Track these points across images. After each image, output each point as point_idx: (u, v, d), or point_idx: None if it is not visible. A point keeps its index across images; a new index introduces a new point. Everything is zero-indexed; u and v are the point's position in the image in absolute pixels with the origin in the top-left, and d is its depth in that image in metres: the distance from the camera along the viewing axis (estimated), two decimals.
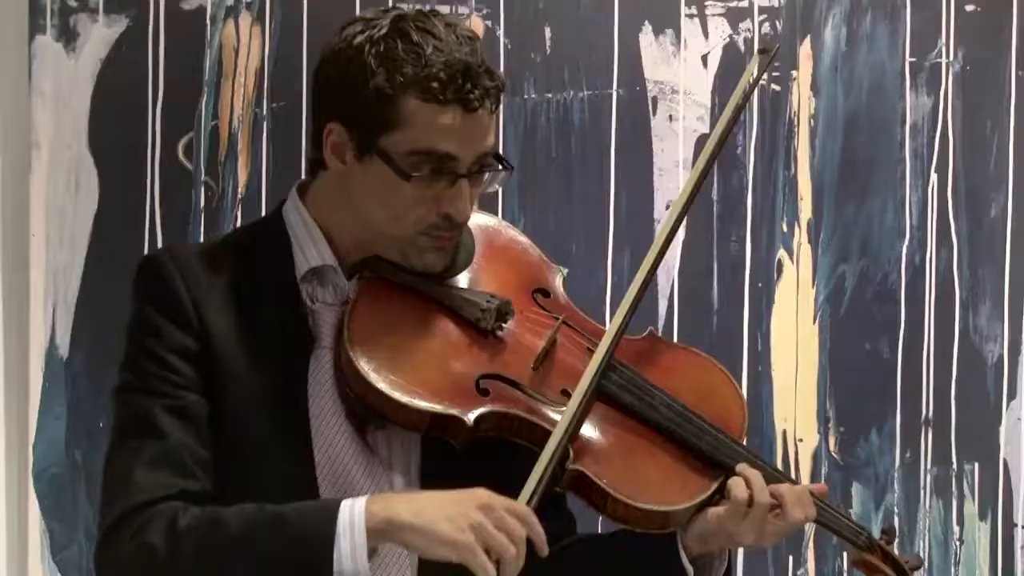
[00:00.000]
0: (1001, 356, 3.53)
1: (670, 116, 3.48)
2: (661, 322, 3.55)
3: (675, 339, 3.50)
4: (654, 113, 3.46)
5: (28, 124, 3.51)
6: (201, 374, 2.25)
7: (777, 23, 3.54)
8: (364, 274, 2.30)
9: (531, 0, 3.51)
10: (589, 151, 3.53)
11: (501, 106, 2.56)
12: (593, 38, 3.51)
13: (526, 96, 3.53)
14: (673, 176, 3.54)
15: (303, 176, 2.44)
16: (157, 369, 2.25)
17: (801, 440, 3.53)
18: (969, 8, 3.52)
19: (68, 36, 3.51)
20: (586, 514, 2.38)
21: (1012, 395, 3.54)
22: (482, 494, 2.14)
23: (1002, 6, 3.52)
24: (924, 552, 3.58)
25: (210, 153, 3.53)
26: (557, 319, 2.32)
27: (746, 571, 3.57)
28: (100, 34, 3.52)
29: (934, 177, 3.53)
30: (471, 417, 2.18)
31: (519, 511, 2.13)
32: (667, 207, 3.54)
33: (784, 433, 3.53)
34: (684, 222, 3.38)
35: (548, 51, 3.52)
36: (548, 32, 3.51)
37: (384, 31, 2.22)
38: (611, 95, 3.51)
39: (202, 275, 2.29)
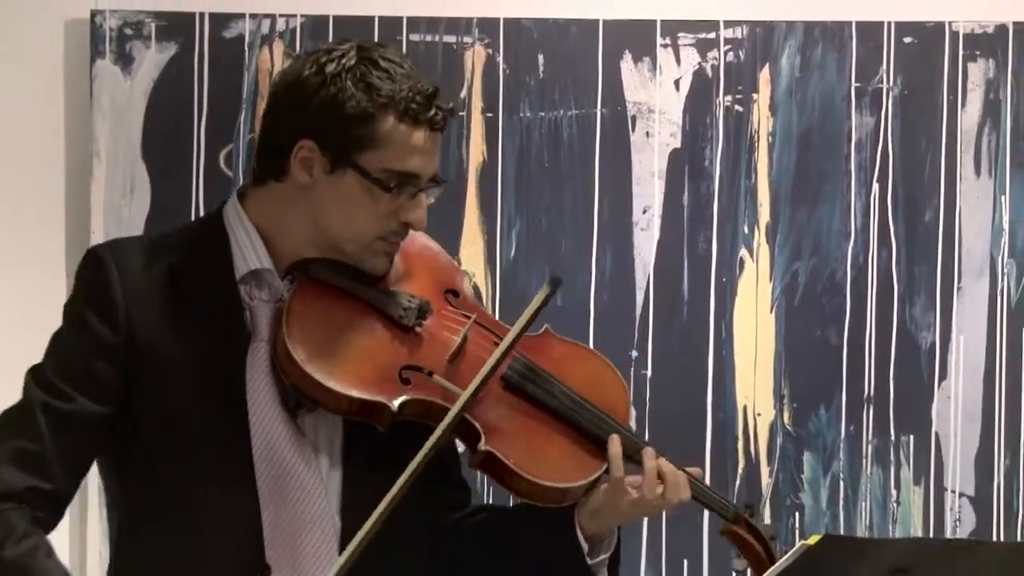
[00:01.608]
0: (933, 343, 3.65)
1: (647, 133, 3.58)
2: (638, 312, 3.62)
3: (650, 326, 3.61)
4: (633, 130, 3.57)
5: (89, 137, 3.58)
6: (115, 375, 2.22)
7: (740, 52, 3.63)
8: (298, 275, 2.29)
9: (526, 31, 3.59)
10: (576, 162, 3.65)
11: (499, 127, 2.82)
12: (580, 64, 3.61)
13: (522, 115, 3.61)
14: (649, 184, 3.62)
15: None
16: (68, 366, 2.23)
17: (760, 415, 3.63)
18: (907, 40, 3.64)
19: (125, 60, 3.58)
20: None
21: (943, 377, 3.65)
22: None
23: (935, 39, 3.63)
24: (865, 513, 3.63)
25: (248, 162, 3.58)
26: (469, 318, 2.33)
27: (713, 534, 3.61)
28: (152, 59, 3.59)
29: (875, 187, 3.64)
30: (395, 403, 2.20)
31: None
32: (644, 211, 3.62)
33: (745, 408, 3.63)
34: (657, 225, 3.59)
35: (541, 75, 3.61)
36: (541, 59, 3.61)
37: (354, 60, 2.22)
38: (596, 114, 3.62)
39: (141, 271, 2.26)
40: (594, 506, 2.28)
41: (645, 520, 3.54)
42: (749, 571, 2.39)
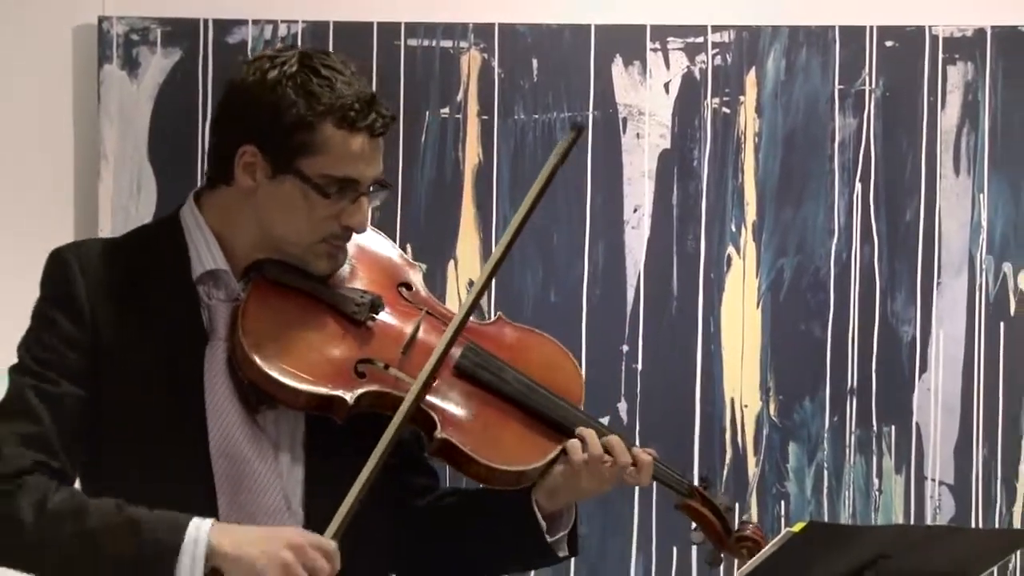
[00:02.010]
0: (914, 336, 3.63)
1: (637, 134, 3.58)
2: (629, 307, 3.61)
3: (641, 321, 3.60)
4: (624, 132, 3.58)
5: (98, 139, 3.56)
6: (88, 365, 2.22)
7: (727, 56, 3.62)
8: (253, 275, 2.27)
9: (520, 36, 3.59)
10: (569, 163, 3.28)
11: (495, 128, 2.77)
12: (573, 68, 3.61)
13: (516, 117, 3.60)
14: (639, 184, 3.61)
15: None
16: (46, 356, 2.21)
17: (747, 406, 3.62)
18: (888, 44, 3.63)
19: (131, 65, 3.56)
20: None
21: (923, 369, 3.63)
22: (293, 534, 2.14)
23: (916, 42, 3.62)
24: (848, 501, 3.61)
25: None
26: (421, 310, 2.33)
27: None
28: (158, 63, 3.58)
29: (858, 186, 3.63)
30: (351, 397, 2.20)
31: (325, 548, 2.12)
32: (634, 210, 3.61)
33: (732, 400, 3.62)
34: (647, 224, 3.58)
35: (535, 79, 3.61)
36: (535, 63, 3.61)
37: (295, 67, 2.21)
38: (588, 116, 3.62)
39: (103, 272, 2.25)
40: (551, 486, 2.28)
41: (636, 510, 3.57)
42: (704, 545, 2.40)
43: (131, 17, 3.57)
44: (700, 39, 3.62)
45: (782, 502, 3.60)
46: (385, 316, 2.30)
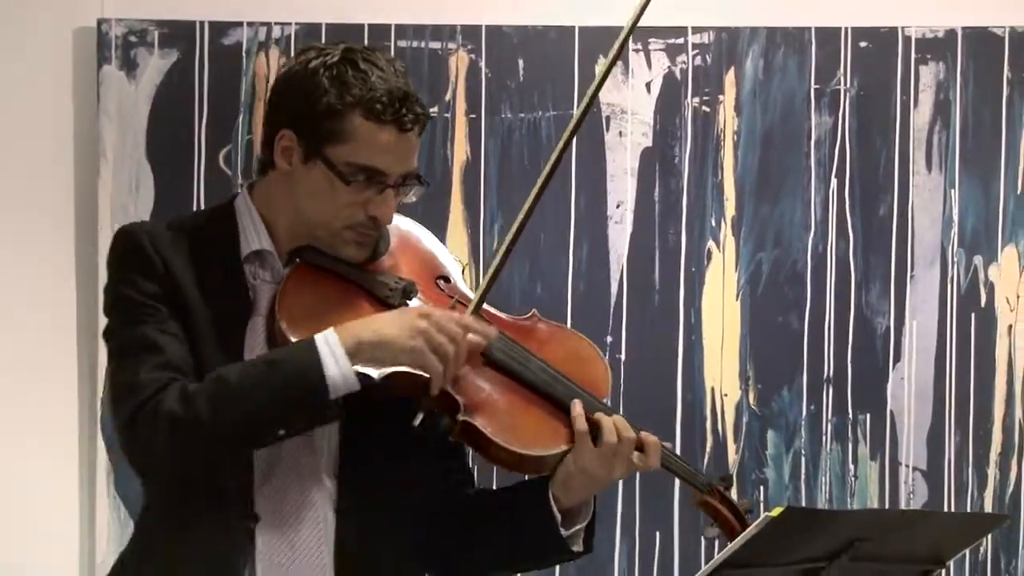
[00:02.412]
0: (888, 327, 3.64)
1: (620, 132, 3.59)
2: (612, 300, 3.61)
3: (624, 313, 3.60)
4: (607, 130, 3.59)
5: (97, 138, 3.56)
6: (172, 316, 2.25)
7: (707, 56, 3.61)
8: (296, 259, 2.30)
9: (507, 38, 3.60)
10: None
11: (482, 126, 2.70)
12: (557, 68, 3.60)
13: (503, 116, 3.60)
14: (622, 181, 3.61)
15: None
16: (138, 309, 2.24)
17: (726, 395, 3.63)
18: (863, 44, 3.63)
19: (129, 66, 3.56)
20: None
21: (897, 359, 3.64)
22: (420, 308, 2.21)
23: (889, 43, 3.63)
24: (824, 487, 3.61)
25: (246, 161, 3.57)
26: (451, 298, 2.34)
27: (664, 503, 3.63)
28: (156, 64, 3.57)
29: (834, 182, 3.64)
30: (378, 375, 2.20)
31: (455, 316, 2.19)
32: (617, 206, 3.61)
33: (712, 390, 3.63)
34: (630, 219, 3.55)
35: (521, 79, 3.61)
36: (521, 64, 3.61)
37: (336, 58, 2.24)
38: (572, 115, 3.31)
39: (166, 243, 2.28)
40: (565, 474, 2.27)
41: (620, 494, 3.58)
42: (719, 539, 2.37)
43: (129, 19, 3.56)
44: (680, 40, 3.62)
45: (761, 488, 3.62)
46: (417, 302, 2.30)
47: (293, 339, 2.19)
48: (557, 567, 3.54)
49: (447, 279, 2.39)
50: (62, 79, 3.62)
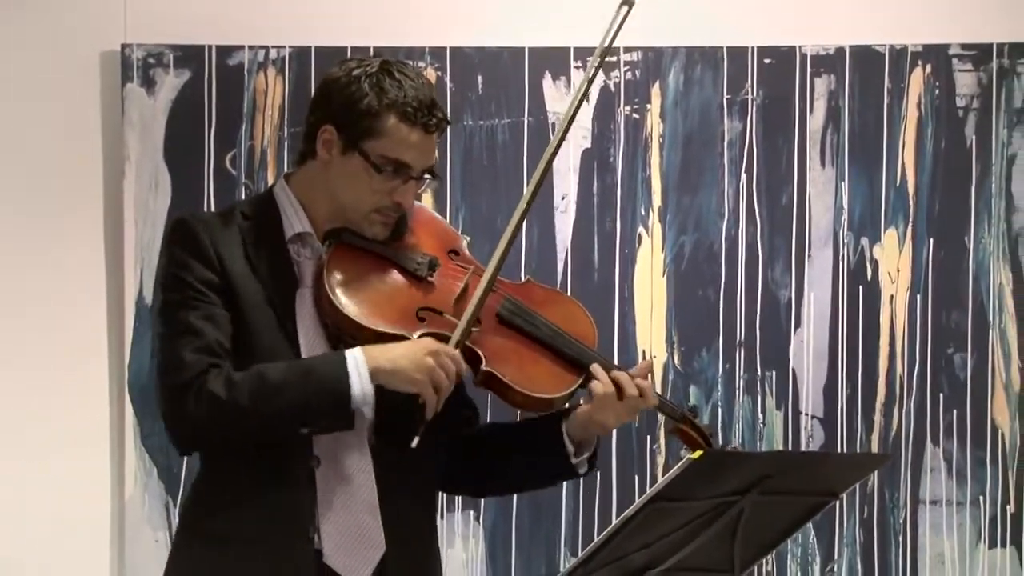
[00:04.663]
0: (790, 298, 3.80)
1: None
2: (559, 277, 3.75)
3: (569, 289, 3.73)
4: (553, 134, 3.37)
5: (122, 144, 3.73)
6: (222, 300, 2.36)
7: (636, 72, 3.77)
8: (333, 240, 2.42)
9: (469, 57, 3.76)
10: (509, 161, 3.78)
11: (448, 132, 2.88)
12: (511, 83, 3.77)
13: (465, 124, 3.77)
14: (566, 177, 3.78)
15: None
16: (189, 291, 2.34)
17: (655, 356, 3.78)
18: (767, 61, 3.81)
19: (149, 83, 3.74)
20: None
21: (798, 325, 3.80)
22: (428, 342, 2.33)
23: (789, 60, 3.79)
24: (738, 433, 3.76)
25: (248, 163, 3.76)
26: (468, 269, 2.47)
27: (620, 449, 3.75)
28: (171, 82, 3.75)
29: (743, 177, 3.80)
30: (414, 336, 2.37)
31: (452, 354, 2.33)
32: (562, 198, 3.78)
33: (644, 352, 3.78)
34: (573, 209, 3.71)
35: (480, 92, 3.77)
36: (480, 79, 3.78)
37: (375, 68, 2.40)
38: (523, 122, 3.77)
39: (219, 232, 2.39)
40: (583, 418, 2.44)
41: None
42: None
43: (148, 44, 3.73)
44: (614, 59, 3.77)
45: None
46: (440, 273, 2.45)
47: (337, 304, 2.33)
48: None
49: (457, 252, 2.52)
50: (92, 95, 3.78)
